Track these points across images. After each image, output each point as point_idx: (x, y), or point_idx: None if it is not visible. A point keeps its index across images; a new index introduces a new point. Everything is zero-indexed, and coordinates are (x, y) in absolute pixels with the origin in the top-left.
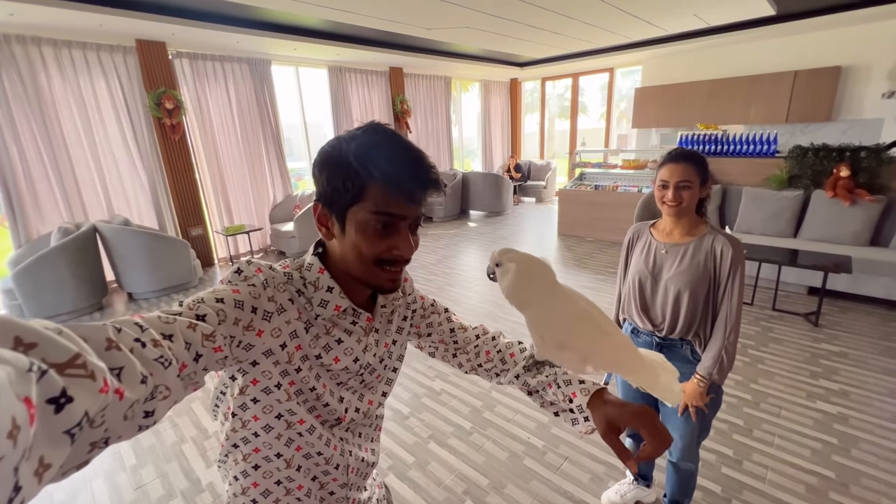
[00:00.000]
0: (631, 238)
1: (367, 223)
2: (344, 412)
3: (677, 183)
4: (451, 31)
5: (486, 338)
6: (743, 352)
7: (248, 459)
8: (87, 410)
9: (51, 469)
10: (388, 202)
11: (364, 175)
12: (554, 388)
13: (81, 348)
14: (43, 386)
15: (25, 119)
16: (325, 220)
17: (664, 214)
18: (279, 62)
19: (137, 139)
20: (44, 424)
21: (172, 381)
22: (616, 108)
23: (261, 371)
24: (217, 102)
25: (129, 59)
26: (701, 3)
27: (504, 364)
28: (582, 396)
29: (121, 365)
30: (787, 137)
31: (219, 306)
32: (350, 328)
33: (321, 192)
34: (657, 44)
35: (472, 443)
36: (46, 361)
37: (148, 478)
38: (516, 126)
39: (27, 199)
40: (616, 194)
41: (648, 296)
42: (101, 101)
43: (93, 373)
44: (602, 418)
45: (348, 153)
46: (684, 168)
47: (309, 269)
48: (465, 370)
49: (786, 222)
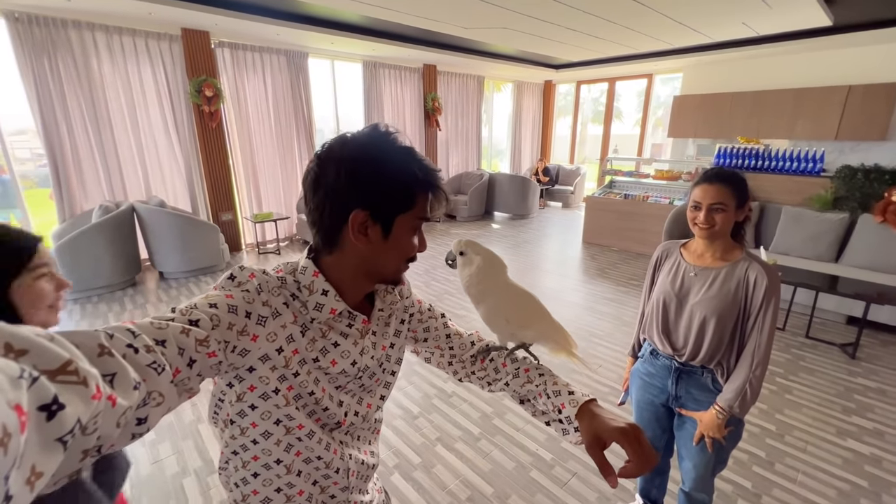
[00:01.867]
0: (659, 256)
1: (413, 228)
2: (343, 416)
3: (710, 205)
4: (488, 31)
5: (481, 345)
6: (770, 379)
7: (248, 467)
8: (80, 417)
9: (43, 477)
10: (428, 208)
11: (418, 186)
12: (544, 398)
13: (73, 354)
14: (34, 393)
15: (76, 100)
16: (365, 229)
17: (696, 236)
18: (316, 55)
19: (177, 124)
20: (36, 432)
21: (166, 387)
22: (652, 115)
23: (258, 377)
24: (254, 92)
25: (174, 46)
26: (751, 11)
27: (497, 373)
28: (570, 408)
29: (113, 371)
30: (835, 156)
31: (212, 311)
32: (346, 331)
33: (368, 202)
34: (700, 51)
35: (479, 449)
36: (37, 368)
37: (164, 454)
38: (547, 129)
39: (73, 175)
40: (646, 205)
41: (672, 319)
42: (146, 86)
43: (85, 379)
44: (588, 431)
45: (407, 164)
46: (719, 189)
47: (303, 272)
48: (460, 377)
49: (827, 246)
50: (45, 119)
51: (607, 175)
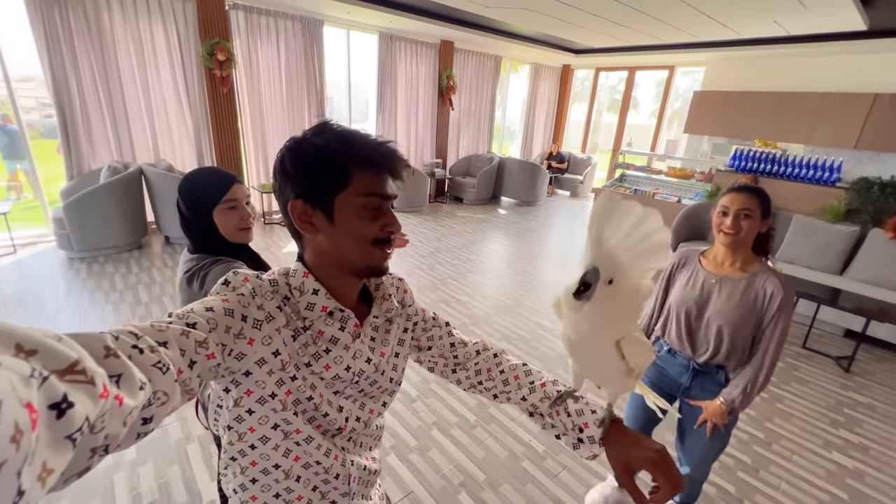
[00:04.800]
0: (676, 263)
1: (360, 207)
2: (345, 422)
3: (738, 210)
4: (509, 10)
5: (486, 355)
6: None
7: (246, 472)
8: (88, 416)
9: (53, 474)
10: (377, 183)
11: (350, 161)
12: (563, 415)
13: (81, 355)
14: (44, 392)
15: (86, 53)
16: (308, 217)
17: (718, 243)
18: (331, 23)
19: (188, 87)
20: (46, 430)
21: (170, 386)
22: (669, 107)
23: (254, 381)
24: (267, 58)
25: (187, 5)
26: (785, 10)
27: (506, 385)
28: (595, 428)
29: (119, 372)
30: (852, 164)
31: (209, 315)
32: (337, 335)
33: (299, 190)
34: (726, 46)
35: (474, 436)
36: (47, 368)
37: (168, 419)
38: (562, 114)
39: (81, 132)
40: (654, 202)
41: (693, 326)
42: (158, 45)
43: (92, 378)
44: (618, 459)
45: (325, 145)
46: (747, 197)
47: (294, 275)
48: (464, 387)
49: (834, 258)
50: (55, 70)
51: (619, 168)
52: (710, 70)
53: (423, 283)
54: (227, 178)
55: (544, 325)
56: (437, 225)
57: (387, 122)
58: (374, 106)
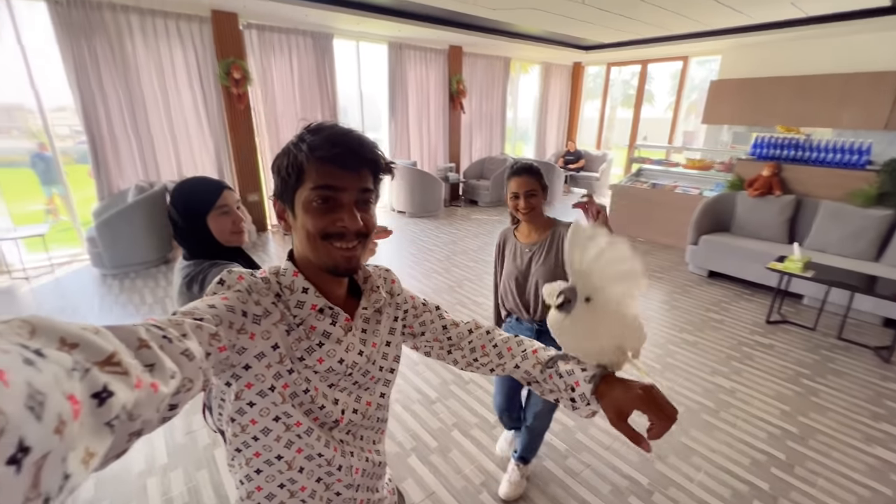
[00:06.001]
0: (500, 242)
1: (310, 200)
2: (341, 413)
3: (525, 192)
4: (515, 11)
5: (479, 332)
6: (795, 380)
7: (251, 463)
8: (125, 403)
9: (95, 457)
10: (324, 175)
11: (299, 155)
12: (556, 378)
13: (117, 347)
14: (87, 382)
15: (111, 81)
16: (283, 214)
17: (521, 220)
18: (341, 36)
19: (207, 106)
20: (89, 417)
21: (195, 373)
22: (686, 99)
23: (254, 374)
24: (280, 74)
25: (203, 28)
26: None
27: (501, 358)
28: (585, 385)
29: (152, 362)
30: (883, 146)
31: (213, 311)
32: (329, 329)
33: (274, 188)
34: (741, 32)
35: (494, 436)
36: (88, 360)
37: (197, 425)
38: (574, 112)
39: (110, 155)
40: (675, 195)
41: (522, 289)
42: (178, 67)
43: (127, 370)
44: (609, 408)
45: (291, 143)
46: (528, 179)
47: (284, 273)
48: (461, 367)
49: (867, 244)
50: (84, 99)
51: (635, 163)
52: (725, 58)
53: (440, 286)
54: (218, 186)
55: None
56: (452, 229)
57: (399, 129)
58: (385, 114)
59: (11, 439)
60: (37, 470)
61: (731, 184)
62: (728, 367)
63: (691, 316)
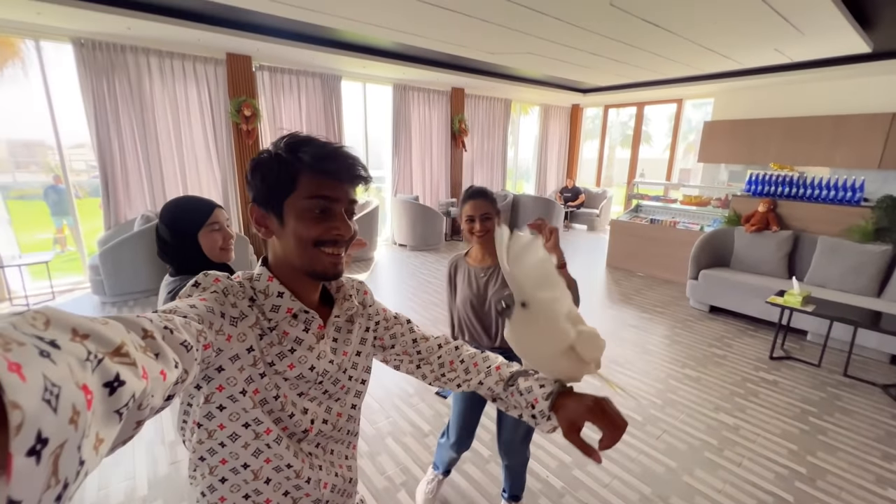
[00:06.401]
0: (451, 270)
1: (305, 209)
2: (310, 423)
3: (481, 215)
4: (514, 56)
5: (448, 347)
6: (802, 418)
7: (215, 472)
8: (135, 392)
9: (105, 443)
10: (321, 186)
11: (295, 165)
12: (516, 395)
13: (124, 337)
14: (100, 372)
15: (128, 117)
16: (263, 220)
17: (475, 244)
18: (349, 78)
19: (217, 140)
20: (100, 404)
21: (191, 363)
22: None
23: (226, 377)
24: (289, 112)
25: (218, 69)
26: (783, 38)
27: (468, 374)
28: (543, 402)
29: (157, 351)
30: (878, 185)
31: (194, 311)
32: (302, 336)
33: (255, 195)
34: (732, 77)
35: (488, 471)
36: (101, 351)
37: (182, 454)
38: (574, 152)
39: (120, 186)
40: (674, 231)
41: (480, 315)
42: (191, 105)
43: (135, 360)
44: (563, 418)
45: (276, 152)
46: (482, 203)
47: (258, 278)
48: (429, 381)
49: (868, 279)
50: (100, 134)
51: (633, 199)
52: (718, 100)
53: (438, 318)
54: (209, 204)
55: None
56: None
57: (402, 165)
58: (389, 150)
59: (30, 432)
60: (55, 459)
61: (728, 219)
62: (731, 404)
63: (693, 351)
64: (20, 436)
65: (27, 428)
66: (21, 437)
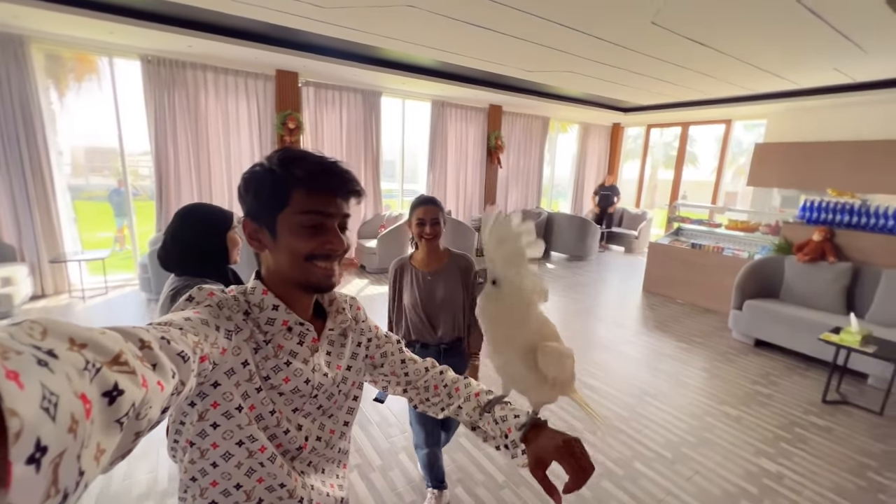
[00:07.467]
0: (396, 272)
1: (299, 224)
2: (304, 440)
3: (431, 219)
4: (553, 74)
5: (434, 372)
6: (859, 472)
7: (206, 494)
8: (134, 402)
9: (105, 454)
10: (314, 202)
11: (288, 181)
12: (491, 423)
13: (122, 347)
14: (98, 381)
15: (183, 128)
16: (256, 234)
17: (422, 247)
18: (389, 94)
19: (262, 150)
20: (100, 414)
21: (187, 374)
22: (734, 162)
23: (221, 393)
24: (331, 125)
25: (268, 85)
26: (843, 57)
27: (450, 398)
28: (516, 432)
29: (154, 362)
30: None
31: (189, 324)
32: (296, 349)
33: (248, 209)
34: (786, 97)
35: (501, 498)
36: (98, 360)
37: None
38: (613, 172)
39: (172, 191)
40: (718, 256)
41: (429, 314)
42: (241, 118)
43: (134, 369)
44: (532, 454)
45: (269, 167)
46: (433, 208)
47: (253, 292)
48: (415, 404)
49: None
50: (158, 142)
51: (674, 222)
52: (772, 122)
53: None
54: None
55: (589, 384)
56: None
57: (437, 180)
58: (425, 165)
59: (29, 440)
60: (55, 468)
61: (777, 247)
62: (775, 449)
63: (734, 387)
64: (19, 443)
65: (26, 436)
66: (20, 445)
